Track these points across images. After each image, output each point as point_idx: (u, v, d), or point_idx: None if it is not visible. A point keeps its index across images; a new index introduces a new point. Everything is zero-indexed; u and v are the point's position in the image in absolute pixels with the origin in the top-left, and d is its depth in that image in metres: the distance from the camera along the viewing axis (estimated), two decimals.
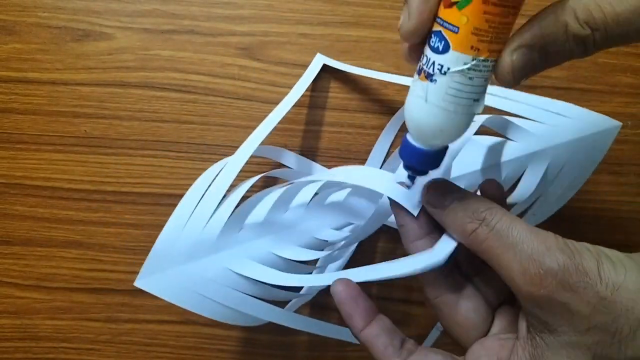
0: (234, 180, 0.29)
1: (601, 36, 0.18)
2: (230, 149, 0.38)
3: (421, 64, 0.21)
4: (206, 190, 0.29)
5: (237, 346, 0.39)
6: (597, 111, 0.39)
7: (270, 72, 0.38)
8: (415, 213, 0.25)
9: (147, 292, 0.26)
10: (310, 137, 0.39)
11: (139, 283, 0.26)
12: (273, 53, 0.38)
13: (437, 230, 0.25)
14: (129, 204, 0.38)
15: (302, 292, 0.35)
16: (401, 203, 0.25)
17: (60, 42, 0.38)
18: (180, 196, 0.29)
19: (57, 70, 0.38)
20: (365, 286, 0.24)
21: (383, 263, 0.25)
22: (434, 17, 0.20)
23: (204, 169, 0.38)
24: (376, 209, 0.28)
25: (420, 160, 0.23)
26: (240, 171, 0.30)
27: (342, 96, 0.38)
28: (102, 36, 0.38)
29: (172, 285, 0.27)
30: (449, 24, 0.19)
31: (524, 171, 0.34)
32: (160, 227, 0.28)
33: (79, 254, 0.38)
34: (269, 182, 0.38)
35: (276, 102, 0.38)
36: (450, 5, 0.19)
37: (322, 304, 0.39)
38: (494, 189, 0.26)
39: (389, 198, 0.26)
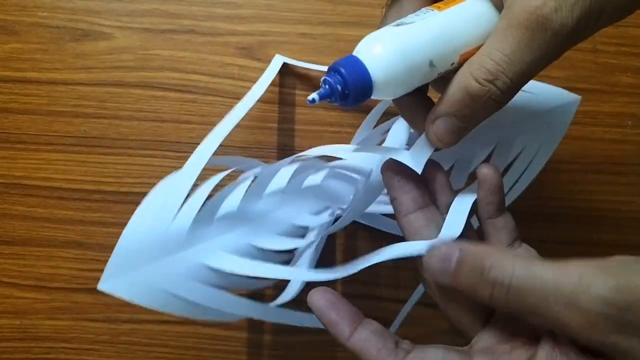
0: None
1: (503, 83, 0.20)
2: (229, 148, 0.38)
3: None
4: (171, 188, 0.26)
5: (237, 346, 0.39)
6: (597, 111, 0.39)
7: None
8: (420, 170, 0.23)
9: None
10: (310, 137, 0.39)
11: (102, 286, 0.24)
12: (273, 53, 0.38)
13: (432, 205, 0.24)
14: (128, 204, 0.38)
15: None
16: (404, 162, 0.23)
17: (59, 42, 0.38)
18: None
19: (56, 70, 0.38)
20: (365, 287, 0.24)
21: (388, 247, 0.24)
22: None
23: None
24: (366, 184, 0.27)
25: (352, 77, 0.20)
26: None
27: None
28: (101, 36, 0.38)
29: (141, 286, 0.24)
30: None
31: (493, 150, 0.33)
32: None
33: (78, 254, 0.38)
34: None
35: (276, 102, 0.38)
36: None
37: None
38: (493, 177, 0.24)
39: (386, 162, 0.24)
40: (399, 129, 0.30)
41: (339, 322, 0.22)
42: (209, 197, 0.26)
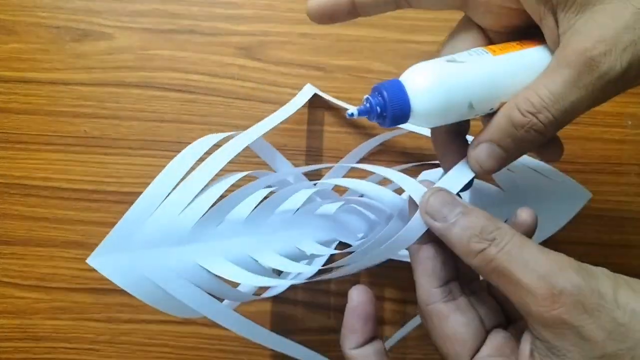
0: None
1: (546, 117, 0.20)
2: None
3: None
4: (189, 171, 0.25)
5: (237, 346, 0.39)
6: (597, 111, 0.39)
7: (270, 72, 0.38)
8: (455, 192, 0.23)
9: None
10: (311, 137, 0.39)
11: (91, 260, 0.23)
12: (273, 53, 0.38)
13: None
14: (129, 204, 0.37)
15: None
16: (440, 184, 0.23)
17: (60, 42, 0.38)
18: None
19: (56, 70, 0.38)
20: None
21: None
22: None
23: None
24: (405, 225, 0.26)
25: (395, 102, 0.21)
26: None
27: (342, 96, 0.38)
28: (101, 36, 0.38)
29: (129, 269, 0.23)
30: None
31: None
32: None
33: (78, 254, 0.38)
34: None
35: (276, 102, 0.38)
36: None
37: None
38: (531, 220, 0.24)
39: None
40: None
41: (356, 330, 0.23)
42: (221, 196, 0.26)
